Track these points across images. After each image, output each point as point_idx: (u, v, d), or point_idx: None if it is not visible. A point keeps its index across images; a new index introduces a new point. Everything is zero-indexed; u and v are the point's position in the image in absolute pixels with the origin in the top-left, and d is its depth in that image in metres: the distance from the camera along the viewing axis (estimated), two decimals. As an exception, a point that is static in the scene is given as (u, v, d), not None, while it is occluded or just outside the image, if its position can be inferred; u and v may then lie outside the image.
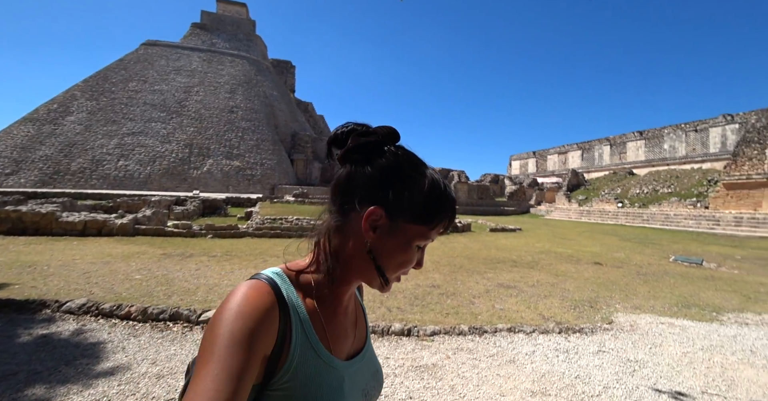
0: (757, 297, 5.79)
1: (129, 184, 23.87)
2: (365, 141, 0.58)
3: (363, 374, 0.66)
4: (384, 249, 0.58)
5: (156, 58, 32.97)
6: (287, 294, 0.57)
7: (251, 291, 0.52)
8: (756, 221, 18.43)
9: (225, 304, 0.51)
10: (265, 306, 0.52)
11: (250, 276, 0.59)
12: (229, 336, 0.46)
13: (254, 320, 0.49)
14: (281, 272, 0.60)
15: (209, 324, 0.50)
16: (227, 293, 0.56)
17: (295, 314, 0.56)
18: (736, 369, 2.97)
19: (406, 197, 0.57)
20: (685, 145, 35.74)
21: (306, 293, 0.60)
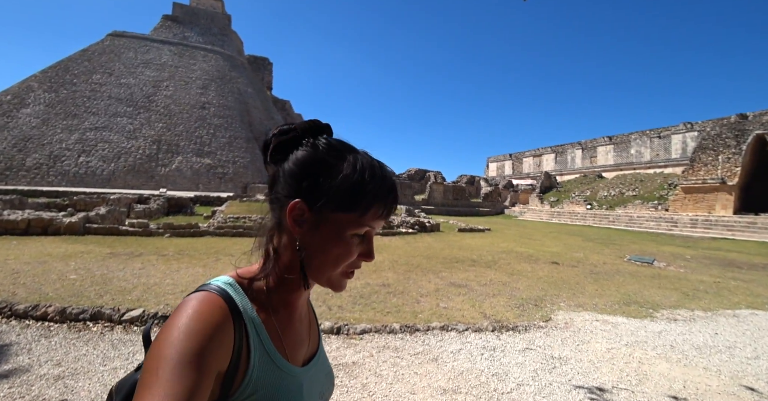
0: (695, 295, 6.06)
1: (91, 182, 22.70)
2: (284, 139, 0.57)
3: (318, 377, 0.65)
4: (315, 243, 0.55)
5: (123, 49, 31.55)
6: (241, 305, 0.53)
7: (202, 306, 0.49)
8: (709, 223, 19.50)
9: (173, 320, 0.47)
10: (218, 320, 0.48)
11: (198, 287, 0.55)
12: (178, 356, 0.42)
13: (206, 337, 0.45)
14: (233, 281, 0.57)
15: (154, 342, 0.45)
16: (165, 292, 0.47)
17: (251, 325, 0.53)
18: (652, 364, 3.05)
19: (324, 185, 0.54)
20: (649, 150, 37.48)
21: (259, 301, 0.57)
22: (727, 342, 3.69)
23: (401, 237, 11.44)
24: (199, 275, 5.77)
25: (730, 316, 4.77)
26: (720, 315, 4.84)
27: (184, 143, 26.55)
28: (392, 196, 0.58)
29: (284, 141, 0.57)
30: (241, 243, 9.12)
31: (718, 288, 6.67)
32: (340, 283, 0.58)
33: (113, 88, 28.14)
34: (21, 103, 25.64)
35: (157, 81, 30.08)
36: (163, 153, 25.57)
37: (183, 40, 35.74)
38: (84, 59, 29.63)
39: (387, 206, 0.57)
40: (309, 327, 0.68)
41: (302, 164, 0.56)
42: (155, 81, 30.02)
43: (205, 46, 35.50)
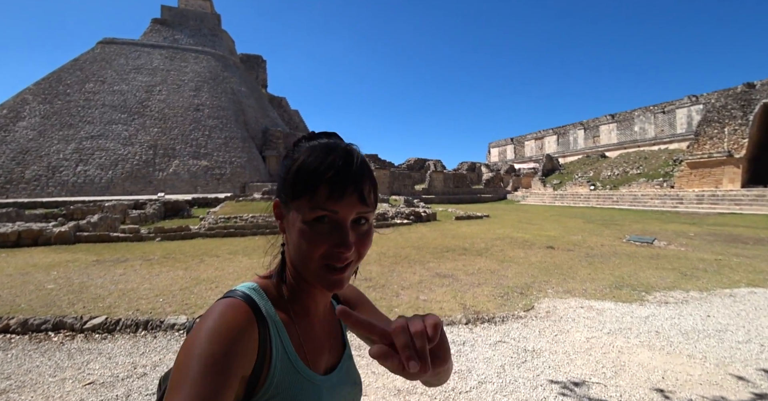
0: (693, 274, 5.80)
1: (90, 190, 22.83)
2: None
3: (342, 387, 0.64)
4: (291, 238, 0.56)
5: (114, 56, 31.41)
6: (265, 309, 0.55)
7: (227, 310, 0.51)
8: (716, 198, 18.96)
9: (201, 324, 0.49)
10: (242, 324, 0.50)
11: (225, 293, 0.57)
12: (205, 359, 0.44)
13: (231, 340, 0.47)
14: (257, 286, 0.59)
15: (184, 344, 0.47)
16: (140, 297, 0.68)
17: (274, 329, 0.55)
18: (633, 353, 2.85)
19: (282, 176, 0.57)
20: (654, 126, 36.51)
21: (281, 305, 0.59)
22: (719, 326, 3.46)
23: (395, 228, 11.25)
24: (179, 278, 5.68)
25: (727, 296, 4.52)
26: (716, 295, 4.59)
27: (180, 146, 26.51)
28: (333, 173, 0.53)
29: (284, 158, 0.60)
30: (231, 244, 9.03)
31: (719, 266, 6.39)
32: (325, 279, 0.54)
33: (107, 96, 28.10)
34: (17, 116, 25.75)
35: (149, 86, 29.96)
36: (159, 157, 25.58)
37: (173, 43, 35.45)
38: (76, 69, 29.57)
39: (331, 185, 0.53)
40: (330, 334, 0.67)
41: (279, 166, 0.59)
42: (148, 86, 29.90)
43: (196, 47, 35.18)
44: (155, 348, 3.20)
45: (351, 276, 0.58)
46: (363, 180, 0.55)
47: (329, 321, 0.68)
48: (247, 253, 7.73)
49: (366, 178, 0.56)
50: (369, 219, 0.57)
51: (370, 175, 0.58)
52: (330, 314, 0.69)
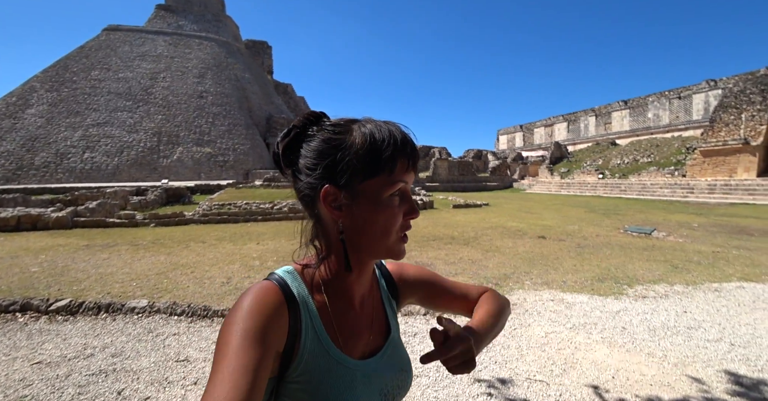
0: (685, 267, 5.57)
1: (97, 177, 23.24)
2: (288, 140, 0.59)
3: (381, 373, 0.64)
4: (359, 219, 0.57)
5: (119, 43, 31.40)
6: (297, 291, 0.58)
7: (260, 291, 0.54)
8: (729, 187, 18.24)
9: (237, 305, 0.53)
10: (274, 304, 0.53)
11: (266, 277, 0.61)
12: (242, 334, 0.48)
13: (264, 317, 0.51)
14: (293, 269, 0.62)
15: (224, 323, 0.52)
16: (115, 281, 0.91)
17: (305, 311, 0.57)
18: (590, 350, 2.71)
19: (343, 161, 0.56)
20: (668, 112, 35.11)
21: (316, 289, 0.61)
22: (693, 322, 3.29)
23: (389, 217, 11.11)
24: (159, 263, 5.73)
25: (712, 291, 4.30)
26: (701, 289, 4.38)
27: (184, 133, 26.64)
28: (409, 146, 0.58)
29: (289, 142, 0.59)
30: (221, 230, 9.07)
31: (715, 259, 6.13)
32: (399, 250, 0.59)
33: (112, 83, 28.25)
34: (25, 103, 26.14)
35: (153, 73, 29.97)
36: (164, 144, 25.78)
37: (177, 29, 35.21)
38: (82, 56, 29.70)
39: (409, 156, 0.57)
40: (372, 319, 0.67)
41: (315, 151, 0.57)
42: (152, 73, 29.91)
43: (200, 33, 34.88)
44: (110, 331, 3.21)
45: None
46: (415, 149, 0.60)
47: (371, 306, 0.68)
48: (234, 240, 7.74)
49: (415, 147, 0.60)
50: None
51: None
52: (372, 298, 0.70)
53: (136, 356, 2.69)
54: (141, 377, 2.40)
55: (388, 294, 0.75)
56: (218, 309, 3.55)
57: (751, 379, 2.31)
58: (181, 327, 3.22)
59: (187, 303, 3.65)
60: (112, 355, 2.70)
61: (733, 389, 2.20)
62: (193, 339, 3.02)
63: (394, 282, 0.77)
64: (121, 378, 2.39)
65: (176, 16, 36.99)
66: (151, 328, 3.21)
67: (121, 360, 2.62)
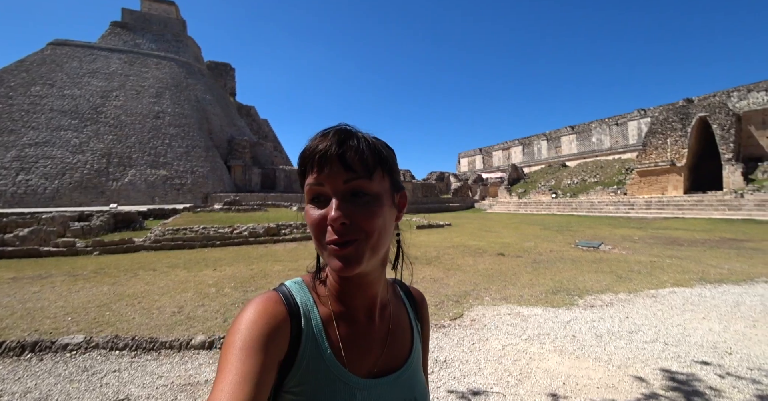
0: (628, 276, 6.02)
1: (31, 201, 21.10)
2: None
3: (389, 397, 0.59)
4: None
5: (66, 59, 29.69)
6: (302, 301, 0.58)
7: (262, 301, 0.54)
8: (662, 203, 20.23)
9: (239, 316, 0.53)
10: (274, 315, 0.53)
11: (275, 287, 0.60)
12: (242, 344, 0.49)
13: (264, 326, 0.51)
14: (301, 280, 0.62)
15: (227, 334, 0.52)
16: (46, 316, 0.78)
17: (307, 323, 0.56)
18: (543, 359, 2.83)
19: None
20: (609, 137, 38.81)
21: (322, 300, 0.59)
22: (633, 327, 3.55)
23: (354, 238, 11.05)
24: (101, 294, 5.25)
25: (650, 297, 4.70)
26: (641, 296, 4.76)
27: (138, 155, 25.20)
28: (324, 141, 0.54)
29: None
30: (175, 257, 8.52)
31: (652, 268, 6.70)
32: (330, 262, 0.54)
33: (56, 100, 26.39)
34: (-51, 120, 23.62)
35: (105, 91, 28.47)
36: (114, 166, 24.17)
37: (134, 47, 34.05)
38: (21, 70, 27.63)
39: (315, 154, 0.54)
40: (388, 336, 0.63)
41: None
42: (103, 91, 28.40)
43: (158, 52, 33.94)
44: (35, 373, 2.86)
45: (365, 258, 0.53)
46: (344, 144, 0.54)
47: (388, 321, 0.65)
48: (188, 266, 7.30)
49: (348, 142, 0.54)
50: (370, 192, 0.54)
51: (359, 140, 0.55)
52: (395, 315, 0.67)
53: (65, 399, 2.41)
54: (71, 420, 2.15)
55: (416, 314, 0.72)
56: (167, 340, 3.30)
57: (681, 374, 2.52)
58: (123, 363, 2.95)
59: (131, 336, 3.36)
60: (35, 400, 2.40)
61: (667, 384, 2.39)
62: (135, 376, 2.77)
63: (417, 304, 0.75)
64: (45, 424, 2.13)
65: (133, 34, 35.88)
66: (87, 367, 2.90)
67: (46, 404, 2.34)
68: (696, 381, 2.44)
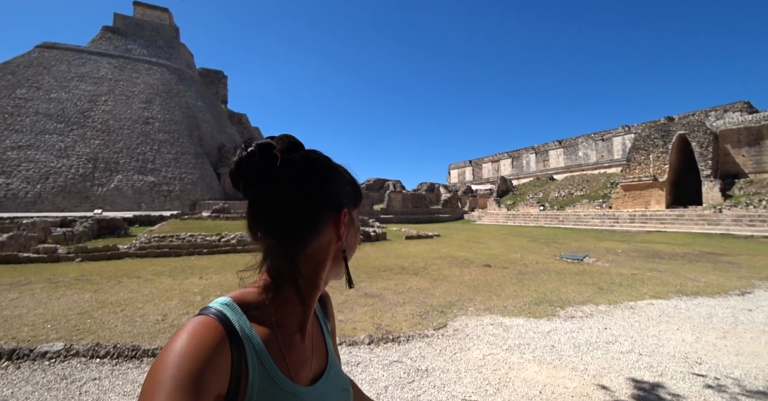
0: (609, 288, 6.18)
1: (11, 206, 20.53)
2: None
3: (330, 396, 0.63)
4: (351, 241, 0.66)
5: (54, 62, 29.37)
6: (239, 325, 0.53)
7: (196, 329, 0.48)
8: (645, 217, 20.79)
9: (169, 345, 0.46)
10: (213, 343, 0.48)
11: (199, 311, 0.54)
12: (173, 381, 0.42)
13: (201, 360, 0.45)
14: (230, 301, 0.56)
15: (152, 368, 0.45)
16: (24, 324, 0.72)
17: (249, 346, 0.52)
18: (522, 369, 2.91)
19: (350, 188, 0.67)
20: (595, 152, 39.90)
21: (261, 321, 0.56)
22: (611, 337, 3.67)
23: (343, 248, 11.06)
24: (82, 301, 5.16)
25: (628, 308, 4.84)
26: (620, 308, 4.90)
27: (125, 160, 24.85)
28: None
29: None
30: (160, 264, 8.39)
31: (633, 280, 6.88)
32: (338, 276, 0.66)
33: (41, 104, 25.98)
34: (-71, 121, 23.01)
35: (93, 95, 28.17)
36: (100, 171, 23.76)
37: (125, 52, 33.92)
38: (7, 72, 27.20)
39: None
40: (313, 343, 0.65)
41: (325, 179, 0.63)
42: (92, 95, 28.11)
43: (150, 58, 33.87)
44: (11, 381, 2.81)
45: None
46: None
47: (312, 330, 0.66)
48: (174, 274, 7.20)
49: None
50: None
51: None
52: (312, 323, 0.67)
53: (43, 407, 2.38)
54: (48, 429, 2.13)
55: (323, 313, 0.74)
56: (149, 348, 3.27)
57: (651, 384, 2.63)
58: (104, 371, 2.92)
59: (112, 344, 3.32)
60: (11, 408, 2.37)
61: (637, 393, 2.49)
62: (116, 384, 2.74)
63: (324, 302, 0.76)
64: (21, 433, 2.10)
65: (125, 39, 35.78)
66: (66, 374, 2.86)
67: (23, 413, 2.31)
68: (664, 390, 2.54)
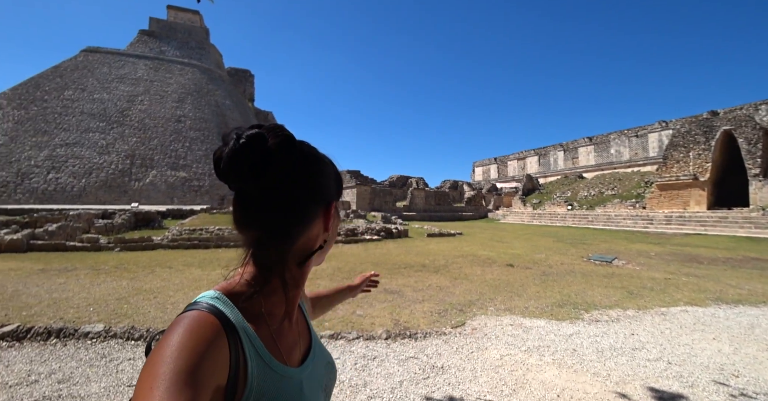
0: (639, 293, 5.90)
1: (60, 198, 22.14)
2: None
3: (317, 371, 0.66)
4: (333, 233, 0.71)
5: (97, 65, 31.27)
6: (233, 317, 0.54)
7: (193, 323, 0.49)
8: (683, 219, 19.59)
9: (166, 339, 0.46)
10: (210, 337, 0.48)
11: (187, 306, 0.55)
12: (171, 375, 0.42)
13: (198, 354, 0.45)
14: (220, 295, 0.57)
15: (147, 362, 0.45)
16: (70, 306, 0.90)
17: (245, 337, 0.54)
18: (540, 371, 2.85)
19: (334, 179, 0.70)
20: (628, 149, 37.98)
21: (249, 312, 0.57)
22: (638, 344, 3.51)
23: (363, 244, 11.20)
24: (120, 288, 5.53)
25: (659, 314, 4.60)
26: (650, 313, 4.67)
27: (159, 157, 26.17)
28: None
29: None
30: (190, 256, 8.81)
31: (666, 285, 6.54)
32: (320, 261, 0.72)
33: (86, 104, 27.77)
34: (-11, 121, 25.14)
35: (131, 95, 29.79)
36: (136, 167, 25.16)
37: (159, 54, 35.60)
38: (56, 75, 29.26)
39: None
40: (299, 325, 0.69)
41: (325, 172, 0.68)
42: (130, 95, 29.73)
43: (182, 59, 35.37)
44: (59, 357, 3.07)
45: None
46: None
47: (296, 312, 0.70)
48: (203, 266, 7.55)
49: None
50: None
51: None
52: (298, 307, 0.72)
53: (85, 382, 2.59)
54: (88, 403, 2.32)
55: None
56: (178, 335, 3.47)
57: (679, 394, 2.50)
58: (138, 353, 3.12)
59: (145, 328, 3.55)
60: (58, 381, 2.59)
61: (664, 404, 2.38)
62: (148, 366, 2.93)
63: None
64: (66, 405, 2.30)
65: (159, 41, 37.53)
66: (105, 353, 3.09)
67: (68, 386, 2.52)
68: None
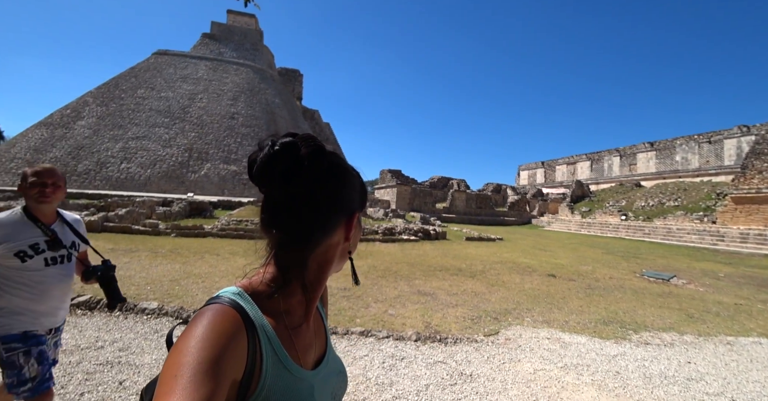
0: (701, 317, 5.33)
1: (129, 186, 24.62)
2: None
3: (329, 378, 0.67)
4: (355, 240, 0.70)
5: (165, 66, 34.27)
6: (252, 314, 0.55)
7: (216, 317, 0.51)
8: (763, 238, 17.27)
9: (189, 331, 0.49)
10: (231, 330, 0.50)
11: (209, 300, 0.57)
12: (195, 365, 0.44)
13: (221, 346, 0.47)
14: (241, 291, 0.59)
15: (172, 351, 0.47)
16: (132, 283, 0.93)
17: (263, 334, 0.55)
18: (577, 391, 2.67)
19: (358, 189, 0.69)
20: (698, 156, 34.22)
21: (269, 310, 0.59)
22: (694, 374, 3.17)
23: (400, 244, 11.21)
24: (174, 271, 6.02)
25: (724, 344, 4.11)
26: (713, 341, 4.19)
27: (213, 151, 28.12)
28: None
29: None
30: (236, 245, 9.39)
31: (736, 311, 5.83)
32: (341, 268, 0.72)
33: (154, 101, 30.57)
34: (77, 116, 28.58)
35: (192, 94, 32.28)
36: (193, 160, 27.23)
37: (218, 55, 38.20)
38: (131, 76, 32.54)
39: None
40: (315, 329, 0.69)
41: (347, 183, 0.67)
42: (191, 94, 32.23)
43: (238, 60, 37.69)
44: (120, 328, 3.42)
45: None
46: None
47: (314, 317, 0.71)
48: (246, 255, 7.98)
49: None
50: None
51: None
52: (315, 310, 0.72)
53: (140, 352, 2.87)
54: (142, 371, 2.57)
55: (320, 298, 0.77)
56: (221, 318, 3.72)
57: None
58: (184, 333, 3.40)
59: (192, 310, 3.84)
60: (119, 349, 2.90)
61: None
62: (193, 345, 3.18)
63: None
64: (124, 370, 2.57)
65: (218, 43, 40.26)
66: (158, 329, 3.40)
67: (126, 355, 2.81)
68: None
